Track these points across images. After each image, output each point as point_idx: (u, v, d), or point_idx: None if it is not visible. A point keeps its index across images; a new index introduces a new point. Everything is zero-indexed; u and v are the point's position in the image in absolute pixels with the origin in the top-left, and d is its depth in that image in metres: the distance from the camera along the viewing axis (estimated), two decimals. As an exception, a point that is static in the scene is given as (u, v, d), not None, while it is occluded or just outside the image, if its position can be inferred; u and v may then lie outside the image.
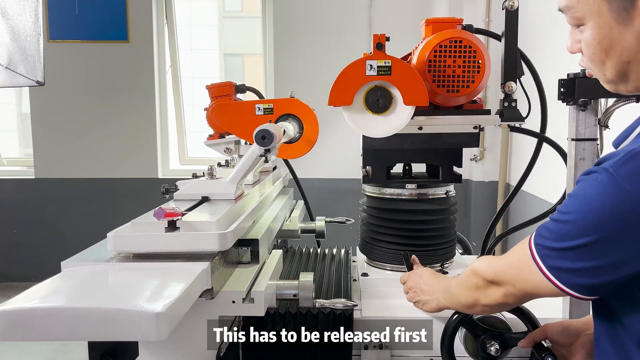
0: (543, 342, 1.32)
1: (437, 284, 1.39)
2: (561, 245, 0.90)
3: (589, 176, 0.87)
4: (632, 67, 0.87)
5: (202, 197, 1.44)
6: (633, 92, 0.93)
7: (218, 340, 1.26)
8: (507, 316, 1.45)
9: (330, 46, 4.49)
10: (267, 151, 1.40)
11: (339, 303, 1.43)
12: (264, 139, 1.37)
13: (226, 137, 2.06)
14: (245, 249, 1.41)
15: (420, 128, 1.63)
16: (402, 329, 1.54)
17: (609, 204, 0.82)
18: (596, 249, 0.85)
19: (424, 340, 1.52)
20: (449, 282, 1.35)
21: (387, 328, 1.54)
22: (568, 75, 1.42)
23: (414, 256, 1.63)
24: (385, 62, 1.48)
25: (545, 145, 1.79)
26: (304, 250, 2.06)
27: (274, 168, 2.22)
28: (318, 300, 1.41)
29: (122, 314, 0.88)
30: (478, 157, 4.37)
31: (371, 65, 1.49)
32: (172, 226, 1.17)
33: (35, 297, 0.95)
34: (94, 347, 1.25)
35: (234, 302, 1.22)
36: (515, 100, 1.63)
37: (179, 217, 1.17)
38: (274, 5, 4.58)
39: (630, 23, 0.83)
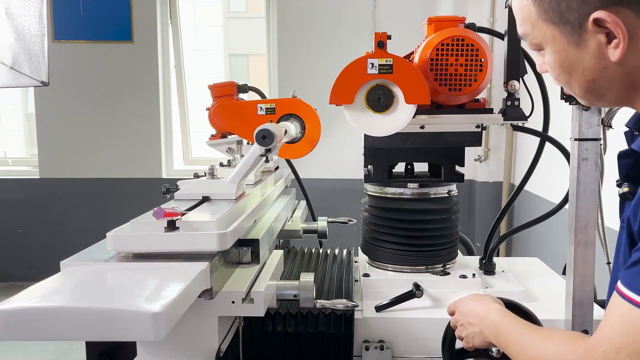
0: None
1: (485, 316, 1.13)
2: None
3: None
4: (598, 84, 0.87)
5: (202, 197, 1.43)
6: (611, 106, 0.92)
7: (218, 340, 1.26)
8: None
9: (334, 46, 4.48)
10: (268, 151, 1.39)
11: (340, 303, 1.42)
12: (265, 138, 1.36)
13: (228, 137, 2.05)
14: (246, 249, 1.40)
15: (422, 127, 1.63)
16: (404, 329, 1.54)
17: None
18: None
19: (425, 340, 1.52)
20: (505, 321, 1.08)
21: (389, 329, 1.53)
22: (571, 74, 1.40)
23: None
24: (386, 61, 1.48)
25: (550, 146, 1.77)
26: (305, 250, 2.06)
27: (276, 168, 2.21)
28: (319, 300, 1.40)
29: (120, 314, 0.88)
30: (482, 157, 4.35)
31: (372, 64, 1.48)
32: (171, 226, 1.17)
33: (33, 296, 0.94)
34: (91, 347, 1.25)
35: (233, 302, 1.22)
36: (518, 99, 1.62)
37: (179, 217, 1.17)
38: (277, 5, 4.57)
39: (584, 45, 0.84)
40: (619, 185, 0.94)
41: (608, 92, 0.88)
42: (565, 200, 1.69)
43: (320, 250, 2.05)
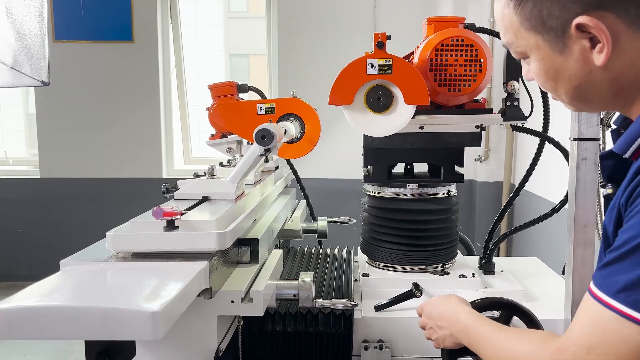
0: None
1: (454, 319, 1.13)
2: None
3: None
4: (584, 89, 0.87)
5: (202, 196, 1.43)
6: (598, 111, 0.92)
7: (217, 339, 1.26)
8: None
9: (334, 46, 4.48)
10: (267, 151, 1.40)
11: (339, 303, 1.42)
12: (264, 138, 1.36)
13: (228, 136, 2.05)
14: (245, 249, 1.40)
15: (421, 127, 1.63)
16: (403, 329, 1.54)
17: None
18: None
19: (424, 340, 1.52)
20: (475, 323, 1.07)
21: (388, 328, 1.54)
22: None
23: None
24: (386, 61, 1.48)
25: (550, 146, 1.77)
26: (305, 250, 2.06)
27: (276, 168, 2.22)
28: (318, 300, 1.40)
29: (118, 313, 0.88)
30: (482, 158, 4.34)
31: (372, 64, 1.48)
32: (170, 225, 1.17)
33: (32, 296, 0.95)
34: (90, 345, 1.25)
35: (232, 301, 1.22)
36: (518, 100, 1.62)
37: (178, 217, 1.17)
38: (278, 5, 4.58)
39: (568, 51, 0.84)
40: (603, 186, 0.94)
41: (594, 97, 0.88)
42: (564, 200, 1.69)
43: (320, 250, 2.05)
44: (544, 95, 1.72)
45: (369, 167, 1.78)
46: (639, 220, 0.76)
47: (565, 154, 1.66)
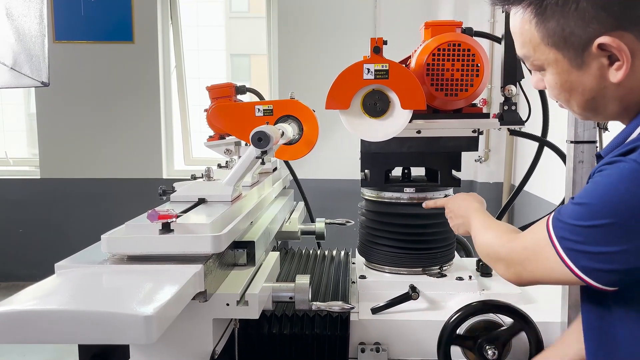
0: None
1: (466, 216, 1.34)
2: (580, 223, 0.84)
3: (612, 165, 0.85)
4: (597, 102, 0.91)
5: (198, 199, 1.44)
6: (605, 121, 0.97)
7: (212, 342, 1.26)
8: (505, 319, 1.44)
9: (334, 47, 4.48)
10: (264, 153, 1.40)
11: (336, 306, 1.43)
12: (260, 140, 1.36)
13: (226, 138, 2.06)
14: (241, 251, 1.41)
15: (418, 132, 1.63)
16: (400, 331, 1.54)
17: (636, 190, 0.80)
18: (618, 232, 0.81)
19: (421, 342, 1.52)
20: (474, 220, 1.27)
21: (385, 330, 1.54)
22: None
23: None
24: (382, 66, 1.48)
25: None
26: (303, 251, 2.06)
27: (274, 169, 2.22)
28: (314, 302, 1.40)
29: (112, 317, 0.88)
30: (483, 158, 4.34)
31: (368, 69, 1.49)
32: (166, 228, 1.17)
33: (26, 299, 0.95)
34: (84, 349, 1.25)
35: (228, 304, 1.22)
36: (516, 104, 1.62)
37: (173, 219, 1.17)
38: (278, 5, 4.58)
39: (586, 67, 0.88)
40: None
41: (604, 110, 0.93)
42: (564, 201, 1.69)
43: (318, 252, 2.05)
44: (544, 100, 1.72)
45: (366, 171, 1.78)
46: (587, 187, 0.88)
47: (563, 157, 1.65)
